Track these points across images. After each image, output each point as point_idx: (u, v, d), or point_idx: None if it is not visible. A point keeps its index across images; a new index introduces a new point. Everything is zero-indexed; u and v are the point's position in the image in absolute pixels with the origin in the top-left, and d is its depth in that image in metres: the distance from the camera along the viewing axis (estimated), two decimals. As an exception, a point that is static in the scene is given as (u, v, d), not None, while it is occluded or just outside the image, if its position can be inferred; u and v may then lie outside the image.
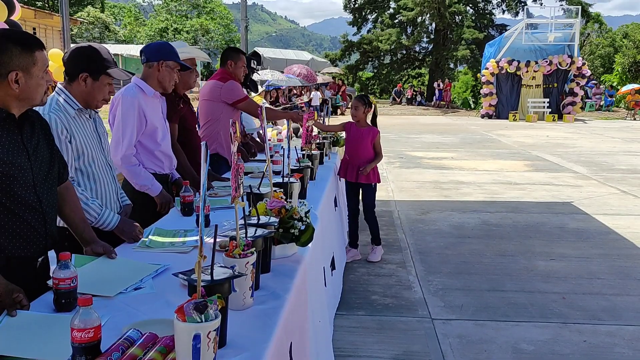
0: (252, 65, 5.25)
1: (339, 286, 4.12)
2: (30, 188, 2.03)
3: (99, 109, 2.73)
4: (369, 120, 4.92)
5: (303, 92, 22.41)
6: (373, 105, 4.91)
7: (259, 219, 2.16)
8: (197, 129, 4.09)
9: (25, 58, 1.96)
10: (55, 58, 7.84)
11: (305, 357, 2.17)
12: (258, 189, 2.66)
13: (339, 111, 25.63)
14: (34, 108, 2.13)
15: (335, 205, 4.34)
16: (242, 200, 1.95)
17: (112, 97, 2.70)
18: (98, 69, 2.56)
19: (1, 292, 1.76)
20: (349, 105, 27.47)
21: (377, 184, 5.02)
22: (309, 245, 2.37)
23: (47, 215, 2.12)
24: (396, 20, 36.49)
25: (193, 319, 1.26)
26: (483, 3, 36.49)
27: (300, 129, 4.82)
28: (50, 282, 1.80)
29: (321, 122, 5.80)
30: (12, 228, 2.00)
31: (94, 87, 2.57)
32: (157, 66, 3.28)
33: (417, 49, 37.84)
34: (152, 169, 3.34)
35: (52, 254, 2.20)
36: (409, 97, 32.07)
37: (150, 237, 2.55)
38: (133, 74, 3.03)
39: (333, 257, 3.78)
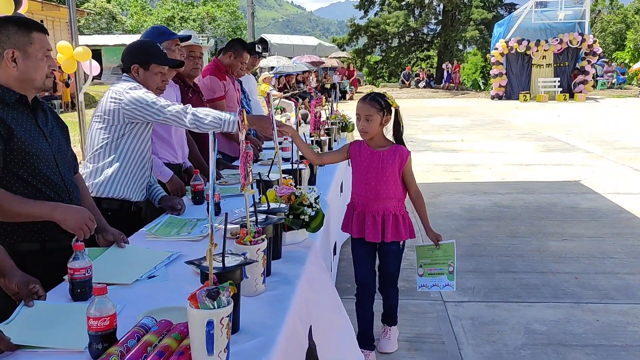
0: (257, 49, 5.19)
1: (335, 271, 4.12)
2: (53, 167, 2.12)
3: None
4: (390, 136, 3.02)
5: (307, 77, 22.23)
6: (394, 110, 2.95)
7: (269, 206, 2.18)
8: None
9: (21, 37, 2.01)
10: (64, 50, 7.84)
11: (332, 339, 2.19)
12: (267, 176, 2.68)
13: (347, 96, 25.52)
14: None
15: (341, 191, 4.33)
16: (252, 188, 1.97)
17: (165, 85, 2.92)
18: (145, 60, 2.80)
19: (18, 283, 1.79)
20: (358, 90, 27.42)
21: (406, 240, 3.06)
22: (320, 230, 2.39)
23: (72, 194, 2.21)
24: (403, 2, 36.11)
25: (206, 306, 1.28)
26: (491, -18, 36.01)
27: (309, 115, 4.80)
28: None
29: (329, 107, 5.75)
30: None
31: (145, 77, 2.81)
32: None
33: (425, 30, 37.48)
34: (166, 159, 3.37)
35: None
36: (424, 79, 31.21)
37: (159, 226, 2.58)
38: (181, 62, 3.07)
39: (335, 243, 3.81)
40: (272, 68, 19.56)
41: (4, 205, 1.94)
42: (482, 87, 31.55)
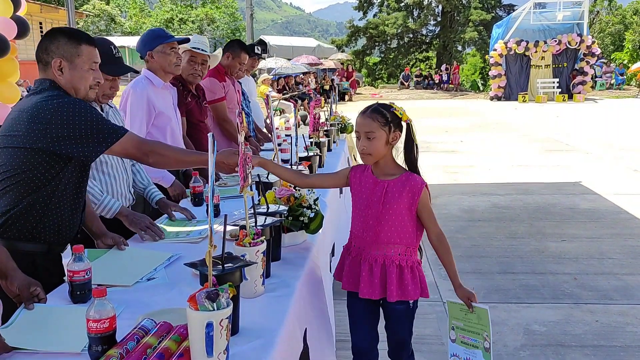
0: (257, 51, 5.20)
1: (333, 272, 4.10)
2: None
3: (110, 101, 2.76)
4: (400, 159, 2.31)
5: (305, 79, 22.18)
6: (405, 124, 2.26)
7: (268, 208, 2.18)
8: (205, 124, 4.08)
9: (70, 48, 2.08)
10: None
11: (321, 343, 2.19)
12: (267, 177, 2.68)
13: (346, 97, 25.52)
14: None
15: (341, 192, 4.31)
16: (251, 190, 1.97)
17: (114, 92, 2.68)
18: None
19: (19, 285, 1.80)
20: (357, 92, 27.34)
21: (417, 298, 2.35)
22: (319, 232, 2.39)
23: (85, 201, 2.25)
24: (402, 4, 36.19)
25: (205, 308, 1.28)
26: (490, -17, 36.06)
27: (308, 117, 4.80)
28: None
29: (328, 108, 5.76)
30: (60, 212, 2.12)
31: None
32: (148, 57, 3.32)
33: (424, 32, 37.54)
34: (163, 160, 3.36)
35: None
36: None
37: (161, 225, 2.58)
38: (134, 71, 2.93)
39: (334, 244, 3.80)
40: (271, 70, 19.56)
41: (170, 154, 2.26)
42: (481, 88, 31.54)
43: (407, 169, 2.30)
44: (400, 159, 2.31)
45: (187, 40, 3.56)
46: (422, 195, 2.24)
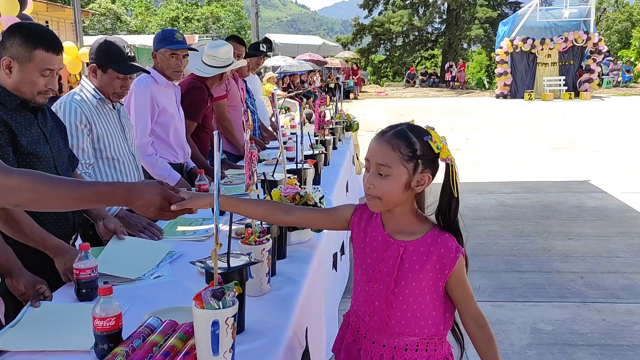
0: (262, 49, 5.19)
1: (347, 270, 4.11)
2: (52, 168, 2.13)
3: (121, 100, 2.78)
4: (425, 207, 1.59)
5: (310, 77, 22.14)
6: (445, 164, 1.52)
7: (273, 206, 2.17)
8: (211, 126, 4.10)
9: (23, 51, 2.01)
10: (68, 51, 7.88)
11: (320, 341, 2.19)
12: (272, 175, 2.67)
13: (351, 95, 25.48)
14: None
15: (347, 191, 4.30)
16: (257, 188, 1.97)
17: (124, 90, 2.69)
18: (103, 62, 2.59)
19: (25, 283, 1.80)
20: (362, 90, 27.24)
21: None
22: (325, 230, 2.39)
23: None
24: (407, 1, 36.08)
25: (211, 306, 1.28)
26: (496, -20, 35.90)
27: (313, 115, 4.79)
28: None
29: (333, 106, 5.74)
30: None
31: (102, 80, 2.61)
32: (154, 56, 3.36)
33: (430, 29, 37.41)
34: (166, 158, 3.37)
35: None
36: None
37: (166, 225, 2.58)
38: (146, 71, 3.01)
39: (343, 242, 3.78)
40: (276, 68, 19.56)
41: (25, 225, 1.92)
42: (487, 86, 31.43)
43: (436, 223, 1.56)
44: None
45: (194, 50, 3.57)
46: (457, 267, 1.51)
